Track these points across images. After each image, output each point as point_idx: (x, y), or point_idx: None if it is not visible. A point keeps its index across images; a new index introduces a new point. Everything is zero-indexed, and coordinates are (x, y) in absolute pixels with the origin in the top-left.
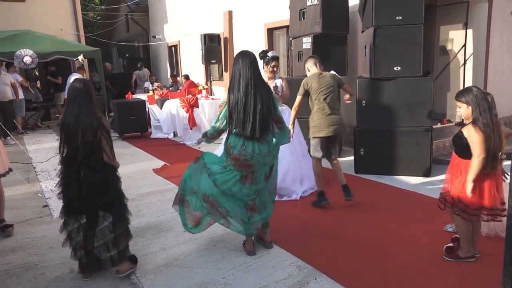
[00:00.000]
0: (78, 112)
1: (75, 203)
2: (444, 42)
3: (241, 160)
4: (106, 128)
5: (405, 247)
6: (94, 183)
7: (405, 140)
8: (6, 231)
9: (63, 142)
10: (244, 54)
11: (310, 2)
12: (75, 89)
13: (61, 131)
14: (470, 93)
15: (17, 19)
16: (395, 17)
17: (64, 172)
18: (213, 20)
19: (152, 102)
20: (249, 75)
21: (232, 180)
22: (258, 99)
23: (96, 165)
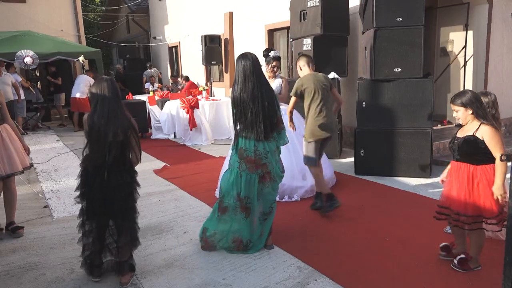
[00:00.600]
0: (109, 113)
1: (97, 205)
2: (445, 43)
3: (256, 160)
4: (136, 128)
5: (405, 248)
6: (118, 186)
7: (405, 141)
8: (17, 233)
9: (89, 144)
10: (246, 56)
11: (310, 3)
12: (103, 88)
13: (89, 132)
14: (467, 95)
15: (18, 20)
16: (395, 19)
17: (88, 174)
18: (214, 21)
19: (153, 103)
20: (254, 77)
21: (253, 182)
22: (265, 101)
23: (123, 167)
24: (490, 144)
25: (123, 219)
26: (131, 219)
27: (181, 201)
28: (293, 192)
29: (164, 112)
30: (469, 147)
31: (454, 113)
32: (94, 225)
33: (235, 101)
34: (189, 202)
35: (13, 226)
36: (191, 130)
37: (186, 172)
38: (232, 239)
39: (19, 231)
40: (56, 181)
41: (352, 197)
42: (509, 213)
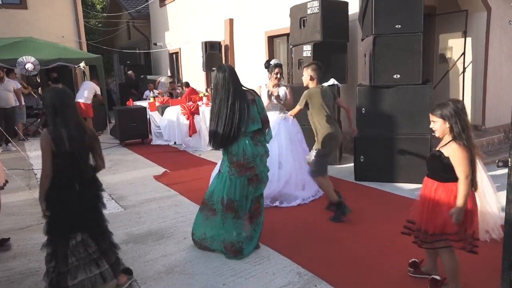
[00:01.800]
0: (69, 122)
1: (71, 220)
2: (444, 50)
3: (244, 164)
4: (95, 135)
5: (405, 254)
6: (90, 195)
7: (404, 147)
8: (5, 245)
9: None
10: (222, 68)
11: (310, 10)
12: (58, 98)
13: (53, 145)
14: (447, 107)
15: (19, 26)
16: (394, 26)
17: (57, 188)
18: (214, 27)
19: (153, 109)
20: (230, 87)
21: (241, 185)
22: (242, 105)
23: (89, 175)
24: (453, 162)
25: (97, 226)
26: (103, 225)
27: (181, 206)
28: (293, 198)
29: (165, 118)
30: (434, 162)
31: (431, 123)
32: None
33: (219, 107)
34: (189, 207)
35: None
36: (191, 136)
37: (186, 178)
38: (223, 245)
39: (7, 244)
40: None
41: (352, 203)
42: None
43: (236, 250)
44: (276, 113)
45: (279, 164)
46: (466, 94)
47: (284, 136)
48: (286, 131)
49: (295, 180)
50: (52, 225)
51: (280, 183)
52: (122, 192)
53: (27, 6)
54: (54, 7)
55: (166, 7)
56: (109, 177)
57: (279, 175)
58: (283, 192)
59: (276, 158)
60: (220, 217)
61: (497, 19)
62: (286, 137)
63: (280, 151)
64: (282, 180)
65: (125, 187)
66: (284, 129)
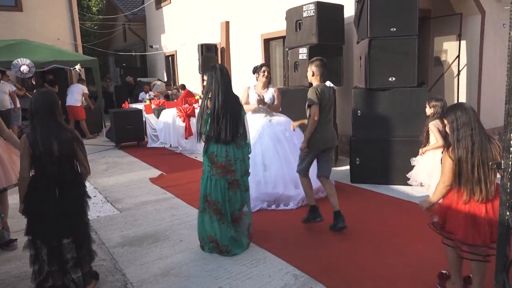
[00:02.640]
0: (49, 127)
1: (51, 225)
2: (438, 53)
3: (226, 166)
4: (80, 139)
5: (400, 256)
6: (72, 200)
7: (400, 149)
8: (12, 246)
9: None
10: (218, 67)
11: (306, 13)
12: (39, 103)
13: (31, 149)
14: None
15: (14, 29)
16: (389, 29)
17: (36, 191)
18: (210, 30)
19: (149, 112)
20: (224, 85)
21: (222, 187)
22: (233, 106)
23: (71, 180)
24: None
25: (79, 232)
26: (86, 232)
27: (177, 209)
28: (289, 200)
29: (161, 120)
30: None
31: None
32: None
33: (213, 104)
34: (185, 210)
35: (6, 240)
36: (187, 139)
37: (182, 180)
38: (209, 238)
39: (13, 244)
40: None
41: (348, 205)
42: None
43: (222, 251)
44: (262, 116)
45: (264, 167)
46: (461, 97)
47: (268, 137)
48: (270, 132)
49: (283, 180)
50: (32, 227)
51: (268, 186)
52: (117, 194)
53: (22, 8)
54: (50, 9)
55: (162, 10)
56: (104, 180)
57: (265, 178)
58: (274, 192)
59: (260, 161)
60: (208, 215)
61: (491, 22)
62: (270, 138)
63: (263, 153)
64: (270, 182)
65: (120, 189)
66: (268, 131)
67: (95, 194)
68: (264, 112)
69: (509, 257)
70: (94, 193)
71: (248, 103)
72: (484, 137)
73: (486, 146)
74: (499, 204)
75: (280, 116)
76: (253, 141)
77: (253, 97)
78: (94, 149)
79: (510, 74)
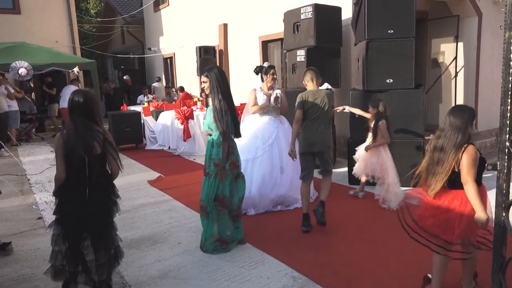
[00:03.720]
0: (76, 125)
1: (76, 224)
2: (436, 55)
3: (234, 162)
4: (110, 140)
5: (398, 257)
6: (99, 202)
7: (398, 151)
8: (7, 250)
9: (63, 158)
10: (217, 68)
11: (304, 15)
12: (74, 102)
13: (64, 147)
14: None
15: (12, 31)
16: (387, 31)
17: (67, 191)
18: (208, 32)
19: (147, 114)
20: (224, 85)
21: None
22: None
23: (102, 181)
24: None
25: (101, 237)
26: (109, 236)
27: (176, 211)
28: (294, 202)
29: (159, 122)
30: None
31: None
32: (67, 244)
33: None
34: (184, 212)
35: (0, 244)
36: (185, 141)
37: (180, 182)
38: (212, 237)
39: (9, 248)
40: (50, 192)
41: (346, 207)
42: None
43: (228, 242)
44: (273, 117)
45: (281, 169)
46: (458, 98)
47: (283, 139)
48: (283, 135)
49: (296, 183)
50: (60, 211)
51: (284, 188)
52: None
53: (21, 11)
54: (48, 12)
55: (160, 12)
56: None
57: (281, 180)
58: (288, 195)
59: (278, 163)
60: (214, 215)
61: (488, 24)
62: (284, 141)
63: (280, 155)
64: (286, 184)
65: (119, 191)
66: (282, 133)
67: None
68: (272, 114)
69: (505, 257)
70: None
71: (257, 105)
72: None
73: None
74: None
75: (284, 118)
76: (270, 141)
77: (261, 98)
78: None
79: (505, 76)
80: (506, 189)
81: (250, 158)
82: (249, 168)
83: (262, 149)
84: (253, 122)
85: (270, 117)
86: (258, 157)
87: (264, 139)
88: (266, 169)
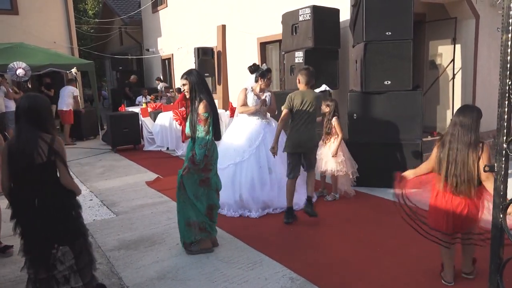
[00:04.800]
0: (26, 133)
1: (34, 237)
2: (433, 57)
3: (208, 165)
4: (56, 148)
5: (396, 259)
6: (49, 211)
7: (396, 152)
8: (7, 253)
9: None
10: (196, 71)
11: (302, 17)
12: (20, 108)
13: (8, 155)
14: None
15: (10, 32)
16: (385, 33)
17: (17, 202)
18: (207, 33)
19: (145, 115)
20: (207, 86)
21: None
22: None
23: (51, 191)
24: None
25: (69, 242)
26: (78, 241)
27: (174, 212)
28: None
29: (157, 123)
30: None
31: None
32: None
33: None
34: None
35: (1, 246)
36: (183, 142)
37: None
38: (184, 222)
39: (9, 251)
40: None
41: (344, 208)
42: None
43: (202, 228)
44: (260, 118)
45: (269, 170)
46: (455, 100)
47: (270, 140)
48: (271, 135)
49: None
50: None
51: (273, 189)
52: (114, 198)
53: (18, 12)
54: (46, 12)
55: (158, 13)
56: (101, 183)
57: (271, 181)
58: (276, 198)
59: (265, 164)
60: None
61: (486, 26)
62: (272, 141)
63: (268, 156)
64: (275, 185)
65: (117, 193)
66: (270, 134)
67: (91, 198)
68: (260, 115)
69: (502, 259)
70: (90, 196)
71: (246, 105)
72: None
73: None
74: (492, 206)
75: (273, 120)
76: (256, 143)
77: (251, 99)
78: (90, 152)
79: (503, 78)
80: (504, 190)
81: (237, 162)
82: (238, 171)
83: (249, 152)
84: (241, 123)
85: (258, 118)
86: (245, 160)
87: (251, 142)
88: (254, 171)
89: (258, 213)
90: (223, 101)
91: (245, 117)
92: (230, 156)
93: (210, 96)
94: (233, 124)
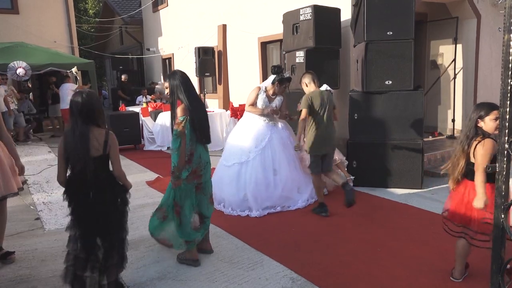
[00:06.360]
0: (80, 129)
1: (85, 224)
2: (435, 56)
3: (197, 171)
4: (111, 142)
5: (396, 259)
6: (103, 204)
7: (397, 152)
8: (8, 259)
9: (64, 161)
10: (180, 71)
11: (303, 17)
12: (73, 104)
13: (64, 149)
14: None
15: (11, 31)
16: (386, 32)
17: (72, 194)
18: (207, 33)
19: (146, 115)
20: (193, 89)
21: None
22: (203, 109)
23: (106, 183)
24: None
25: (110, 239)
26: (118, 239)
27: None
28: (290, 203)
29: (157, 123)
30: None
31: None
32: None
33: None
34: None
35: (2, 252)
36: None
37: None
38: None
39: (11, 257)
40: (48, 193)
41: (345, 208)
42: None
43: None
44: (267, 120)
45: (274, 171)
46: (457, 100)
47: (277, 141)
48: (277, 137)
49: (291, 185)
50: (73, 214)
51: (277, 190)
52: None
53: (19, 11)
54: (46, 12)
55: (159, 13)
56: None
57: (275, 182)
58: (283, 195)
59: (270, 165)
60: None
61: (487, 26)
62: (278, 143)
63: (273, 158)
64: (279, 186)
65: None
66: (276, 135)
67: None
68: (268, 117)
69: (504, 259)
70: None
71: (255, 105)
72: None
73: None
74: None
75: (280, 121)
76: (263, 144)
77: (261, 100)
78: None
79: (504, 78)
80: (505, 190)
81: (243, 161)
82: (243, 171)
83: (255, 152)
84: (248, 123)
85: (265, 119)
86: (250, 161)
87: (257, 142)
88: (258, 172)
89: (258, 212)
90: (224, 101)
91: (252, 116)
92: (235, 155)
93: (192, 98)
94: (240, 122)
